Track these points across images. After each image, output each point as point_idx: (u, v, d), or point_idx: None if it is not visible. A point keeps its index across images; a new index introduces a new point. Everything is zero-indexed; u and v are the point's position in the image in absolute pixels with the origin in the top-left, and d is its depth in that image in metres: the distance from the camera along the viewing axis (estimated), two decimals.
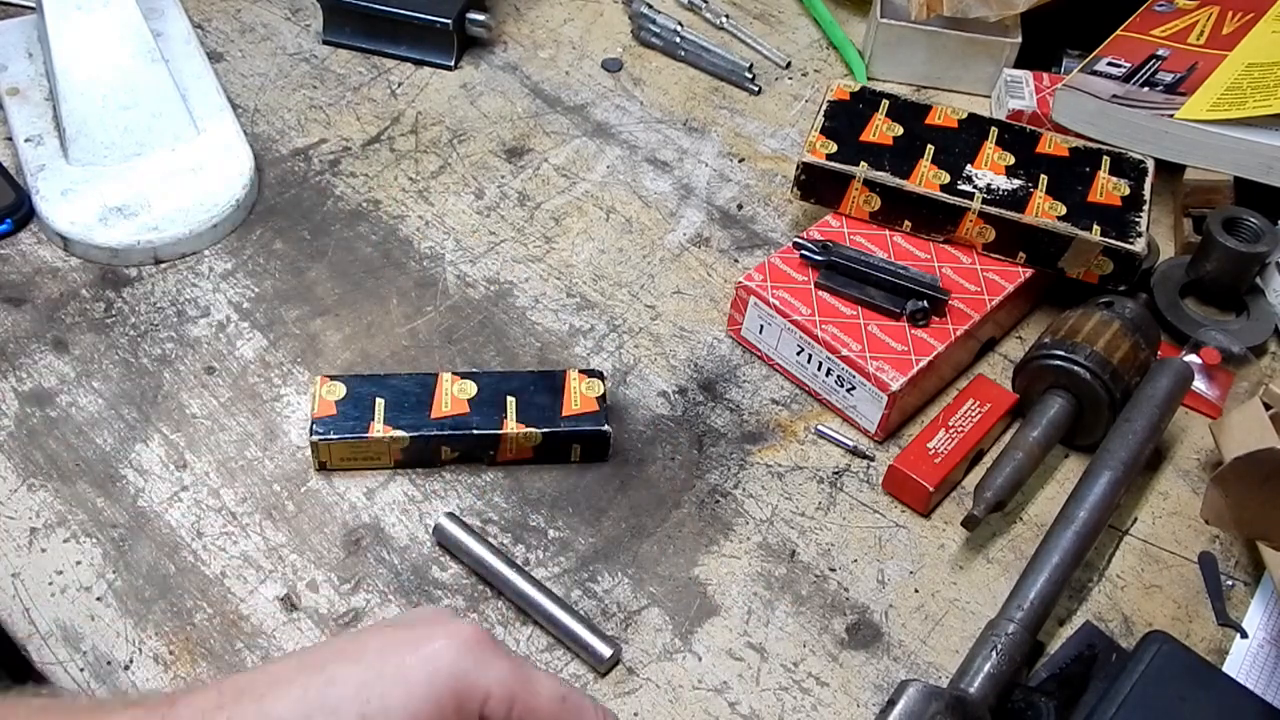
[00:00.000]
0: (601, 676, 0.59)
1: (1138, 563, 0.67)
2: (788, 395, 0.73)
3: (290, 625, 0.60)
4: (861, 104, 0.81)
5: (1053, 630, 0.63)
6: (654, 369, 0.74)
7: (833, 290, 0.72)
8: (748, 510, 0.67)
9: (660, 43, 0.96)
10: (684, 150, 0.88)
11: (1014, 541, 0.67)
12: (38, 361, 0.70)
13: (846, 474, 0.69)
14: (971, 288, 0.74)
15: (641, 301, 0.78)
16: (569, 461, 0.68)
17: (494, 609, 0.62)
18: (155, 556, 0.62)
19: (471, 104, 0.90)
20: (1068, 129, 0.84)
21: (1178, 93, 0.83)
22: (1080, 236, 0.73)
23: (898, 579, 0.65)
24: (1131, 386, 0.69)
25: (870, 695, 0.60)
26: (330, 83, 0.90)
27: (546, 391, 0.68)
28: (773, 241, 0.82)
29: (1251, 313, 0.79)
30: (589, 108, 0.91)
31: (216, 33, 0.93)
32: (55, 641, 0.58)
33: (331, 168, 0.84)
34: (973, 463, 0.70)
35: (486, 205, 0.83)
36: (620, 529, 0.66)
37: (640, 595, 0.63)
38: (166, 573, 0.61)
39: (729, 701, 0.59)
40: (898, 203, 0.76)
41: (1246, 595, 0.65)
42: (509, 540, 0.64)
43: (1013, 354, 0.77)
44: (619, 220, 0.83)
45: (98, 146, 0.78)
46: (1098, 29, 0.91)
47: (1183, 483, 0.71)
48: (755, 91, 0.94)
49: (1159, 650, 0.58)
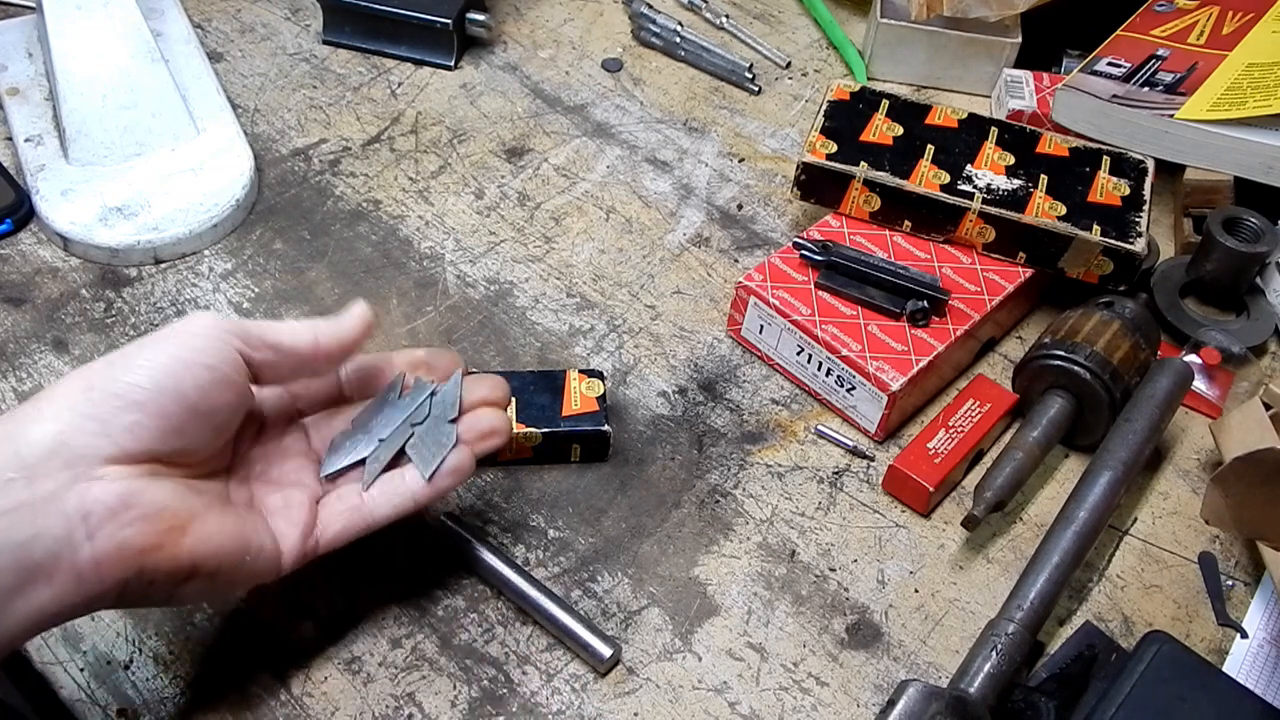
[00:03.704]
0: (601, 676, 0.59)
1: (1138, 563, 0.67)
2: (788, 395, 0.73)
3: (290, 625, 0.60)
4: (861, 104, 0.81)
5: (1053, 630, 0.63)
6: (654, 369, 0.74)
7: (833, 290, 0.72)
8: (748, 510, 0.67)
9: (660, 43, 0.96)
10: (684, 150, 0.88)
11: (1014, 541, 0.67)
12: (38, 361, 0.70)
13: (846, 474, 0.69)
14: (971, 288, 0.74)
15: (641, 301, 0.78)
16: (569, 461, 0.68)
17: (494, 609, 0.62)
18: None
19: (471, 104, 0.90)
20: (1068, 129, 0.84)
21: (1178, 93, 0.83)
22: (1080, 236, 0.73)
23: (898, 579, 0.65)
24: (1131, 386, 0.69)
25: (870, 695, 0.60)
26: (330, 83, 0.90)
27: (546, 391, 0.68)
28: (773, 241, 0.82)
29: (1251, 313, 0.79)
30: (589, 108, 0.91)
31: (216, 33, 0.93)
32: (55, 641, 0.58)
33: (331, 168, 0.84)
34: (973, 463, 0.70)
35: (486, 205, 0.83)
36: (620, 529, 0.66)
37: (640, 595, 0.63)
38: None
39: (729, 701, 0.59)
40: (898, 203, 0.76)
41: (1246, 595, 0.65)
42: (509, 540, 0.64)
43: (1013, 354, 0.77)
44: (619, 220, 0.83)
45: (98, 146, 0.78)
46: (1098, 29, 0.91)
47: (1183, 483, 0.71)
48: (755, 91, 0.94)
49: (1159, 650, 0.58)
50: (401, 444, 0.57)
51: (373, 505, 0.56)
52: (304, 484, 0.56)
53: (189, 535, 0.48)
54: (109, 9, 0.79)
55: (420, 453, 0.56)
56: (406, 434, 0.57)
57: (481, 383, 0.60)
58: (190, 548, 0.48)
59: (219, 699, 0.57)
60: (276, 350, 0.53)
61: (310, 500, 0.55)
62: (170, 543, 0.48)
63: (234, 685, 0.57)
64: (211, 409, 0.50)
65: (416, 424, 0.57)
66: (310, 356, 0.54)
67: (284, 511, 0.54)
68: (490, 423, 0.58)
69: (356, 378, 0.59)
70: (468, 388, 0.59)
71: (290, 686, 0.58)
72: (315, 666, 0.58)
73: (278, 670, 0.58)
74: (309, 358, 0.54)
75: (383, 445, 0.57)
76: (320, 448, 0.58)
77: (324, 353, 0.54)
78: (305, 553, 0.54)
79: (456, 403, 0.58)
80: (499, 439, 0.58)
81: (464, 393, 0.58)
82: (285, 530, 0.54)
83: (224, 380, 0.50)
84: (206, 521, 0.49)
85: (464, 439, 0.57)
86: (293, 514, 0.54)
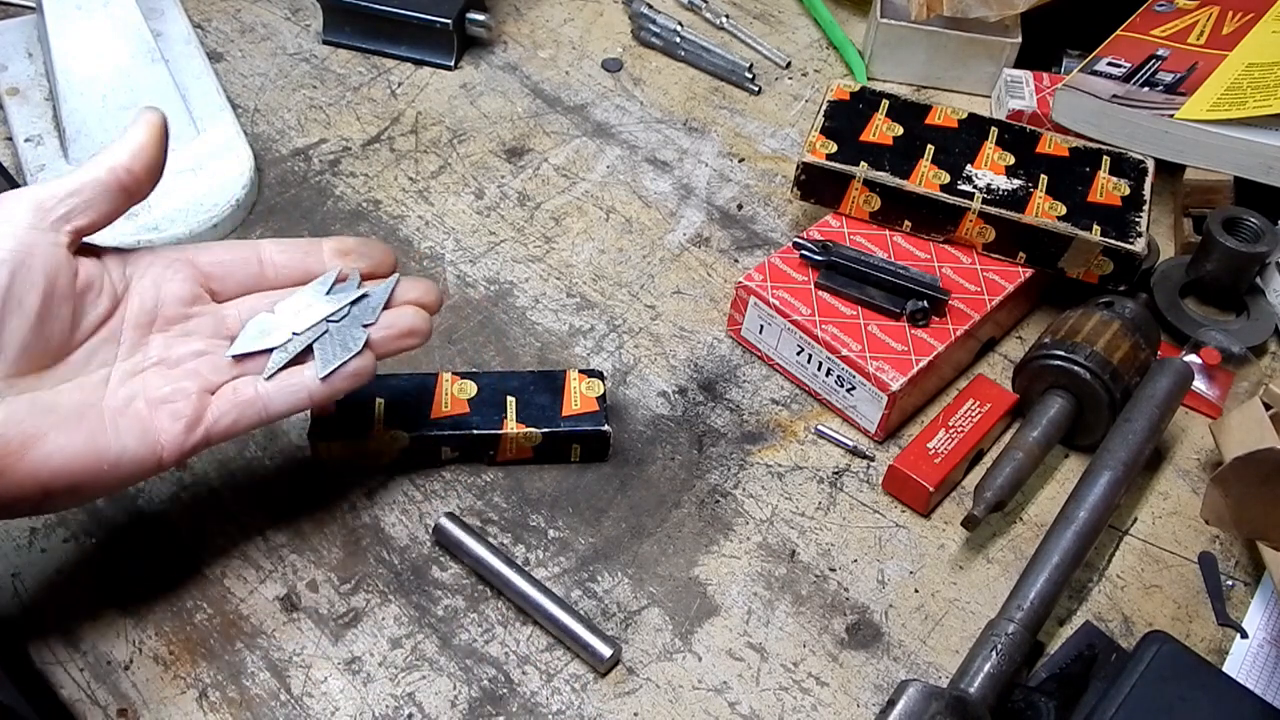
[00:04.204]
0: (601, 676, 0.59)
1: (1138, 563, 0.67)
2: (788, 395, 0.73)
3: (290, 625, 0.60)
4: (861, 104, 0.81)
5: (1053, 630, 0.63)
6: (654, 369, 0.74)
7: (833, 290, 0.72)
8: (748, 510, 0.67)
9: (660, 43, 0.96)
10: (684, 150, 0.88)
11: (1014, 541, 0.67)
12: None
13: (846, 474, 0.69)
14: (971, 288, 0.74)
15: (641, 301, 0.78)
16: (569, 461, 0.68)
17: (494, 609, 0.62)
18: (155, 556, 0.62)
19: (471, 104, 0.90)
20: (1068, 129, 0.84)
21: (1178, 93, 0.83)
22: (1080, 236, 0.73)
23: (898, 579, 0.65)
24: (1131, 386, 0.69)
25: (870, 695, 0.60)
26: (330, 83, 0.90)
27: (546, 391, 0.68)
28: (773, 241, 0.82)
29: (1251, 313, 0.79)
30: (589, 108, 0.91)
31: (216, 33, 0.93)
32: (55, 641, 0.58)
33: (331, 168, 0.84)
34: (973, 463, 0.70)
35: (486, 205, 0.83)
36: (620, 529, 0.66)
37: (640, 595, 0.63)
38: (166, 572, 0.61)
39: (729, 701, 0.59)
40: (898, 203, 0.76)
41: (1246, 595, 0.65)
42: (509, 540, 0.64)
43: (1013, 354, 0.77)
44: (619, 220, 0.83)
45: (98, 146, 0.77)
46: (1098, 29, 0.91)
47: (1183, 483, 0.71)
48: (755, 91, 0.94)
49: (1159, 650, 0.58)
50: (312, 340, 0.56)
51: (268, 398, 0.55)
52: (199, 372, 0.54)
53: (25, 460, 0.48)
54: (109, 9, 0.79)
55: (325, 351, 0.56)
56: (322, 330, 0.56)
57: (415, 285, 0.59)
58: (31, 471, 0.48)
59: (219, 699, 0.57)
60: (74, 193, 0.51)
61: (200, 390, 0.54)
62: (5, 469, 0.47)
63: (234, 685, 0.57)
64: (18, 299, 0.48)
65: (333, 321, 0.56)
66: (113, 181, 0.52)
67: (168, 403, 0.53)
68: (410, 322, 0.57)
69: (283, 260, 0.57)
70: (401, 289, 0.58)
71: (290, 686, 0.58)
72: (315, 666, 0.58)
73: (278, 670, 0.58)
74: (112, 183, 0.52)
75: (296, 338, 0.56)
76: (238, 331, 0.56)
77: (123, 168, 0.52)
78: (190, 446, 0.53)
79: (378, 309, 0.57)
80: (416, 340, 0.58)
81: (397, 293, 0.58)
82: (166, 425, 0.52)
83: (24, 265, 0.48)
84: (46, 441, 0.48)
85: (381, 335, 0.57)
86: (178, 406, 0.53)
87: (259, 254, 0.57)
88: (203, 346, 0.55)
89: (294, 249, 0.58)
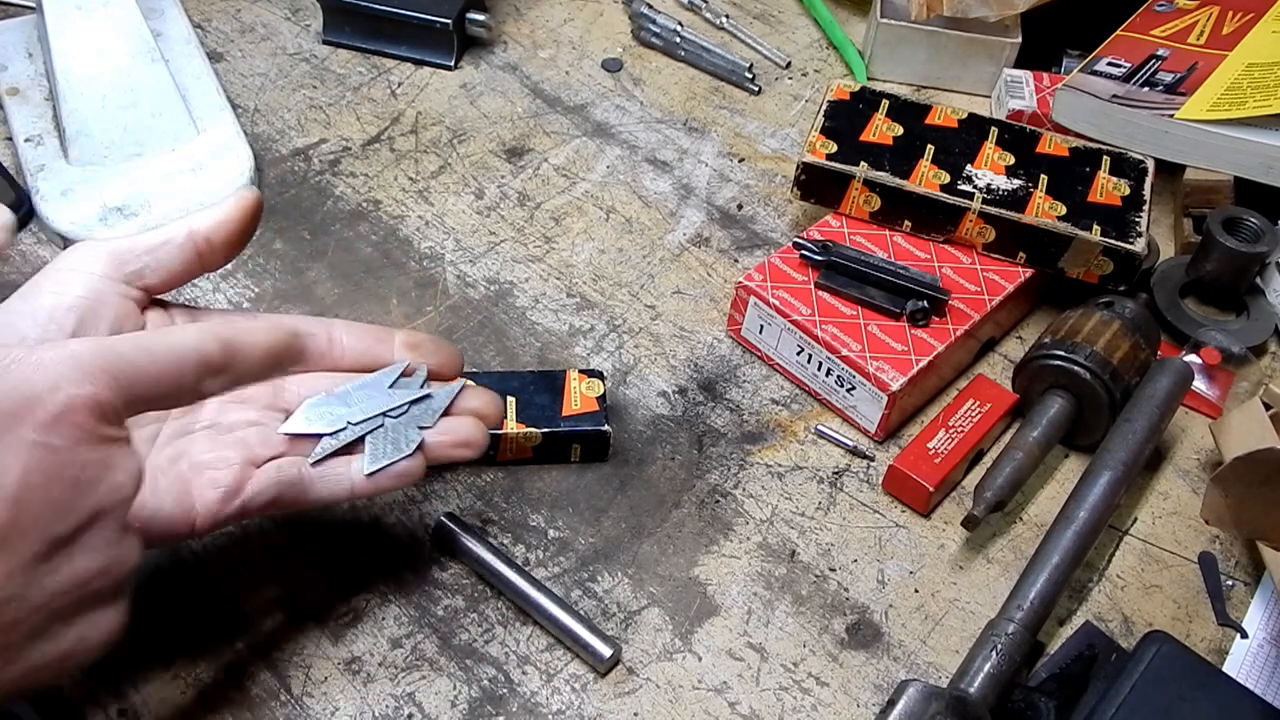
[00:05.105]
0: (601, 676, 0.59)
1: (1138, 563, 0.67)
2: (788, 395, 0.73)
3: (290, 625, 0.60)
4: (861, 104, 0.81)
5: (1053, 630, 0.63)
6: (654, 369, 0.74)
7: (833, 290, 0.72)
8: (748, 510, 0.67)
9: (660, 43, 0.96)
10: (684, 150, 0.88)
11: (1014, 541, 0.67)
12: None
13: (846, 474, 0.69)
14: (971, 288, 0.74)
15: (641, 301, 0.78)
16: (569, 461, 0.68)
17: (494, 609, 0.62)
18: (155, 556, 0.62)
19: (471, 104, 0.90)
20: (1068, 129, 0.84)
21: (1178, 93, 0.83)
22: (1080, 236, 0.73)
23: (898, 579, 0.65)
24: (1131, 386, 0.69)
25: (870, 695, 0.60)
26: (330, 83, 0.90)
27: (546, 391, 0.68)
28: (773, 241, 0.82)
29: (1251, 313, 0.79)
30: (589, 108, 0.91)
31: (216, 33, 0.93)
32: None
33: (331, 168, 0.84)
34: (973, 463, 0.70)
35: (486, 205, 0.83)
36: (620, 529, 0.66)
37: (640, 595, 0.63)
38: (167, 573, 0.61)
39: (729, 701, 0.59)
40: (898, 203, 0.76)
41: (1246, 595, 0.65)
42: (509, 540, 0.64)
43: (1013, 354, 0.77)
44: (619, 220, 0.83)
45: (98, 146, 0.78)
46: (1098, 29, 0.91)
47: (1183, 483, 0.71)
48: (755, 91, 0.94)
49: (1159, 650, 0.58)
50: (366, 433, 0.55)
51: (309, 483, 0.54)
52: (246, 442, 0.53)
53: None
54: (109, 9, 0.79)
55: (376, 446, 0.55)
56: (377, 424, 0.55)
57: (479, 395, 0.58)
58: None
59: (219, 699, 0.57)
60: (151, 251, 0.51)
61: (244, 461, 0.53)
62: None
63: (234, 685, 0.57)
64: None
65: (391, 416, 0.55)
66: (190, 247, 0.52)
67: (211, 469, 0.52)
68: (469, 433, 0.56)
69: (351, 343, 0.56)
70: (464, 397, 0.57)
71: (290, 686, 0.58)
72: (315, 666, 0.58)
73: (278, 670, 0.58)
74: (189, 248, 0.52)
75: (350, 428, 0.55)
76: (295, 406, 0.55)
77: (202, 237, 0.53)
78: (225, 516, 0.52)
79: (438, 414, 0.56)
80: (470, 452, 0.57)
81: (459, 401, 0.57)
82: (204, 492, 0.52)
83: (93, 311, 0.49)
84: None
85: (435, 439, 0.56)
86: (219, 474, 0.52)
87: (329, 332, 0.56)
88: (256, 416, 0.55)
89: (365, 334, 0.56)
